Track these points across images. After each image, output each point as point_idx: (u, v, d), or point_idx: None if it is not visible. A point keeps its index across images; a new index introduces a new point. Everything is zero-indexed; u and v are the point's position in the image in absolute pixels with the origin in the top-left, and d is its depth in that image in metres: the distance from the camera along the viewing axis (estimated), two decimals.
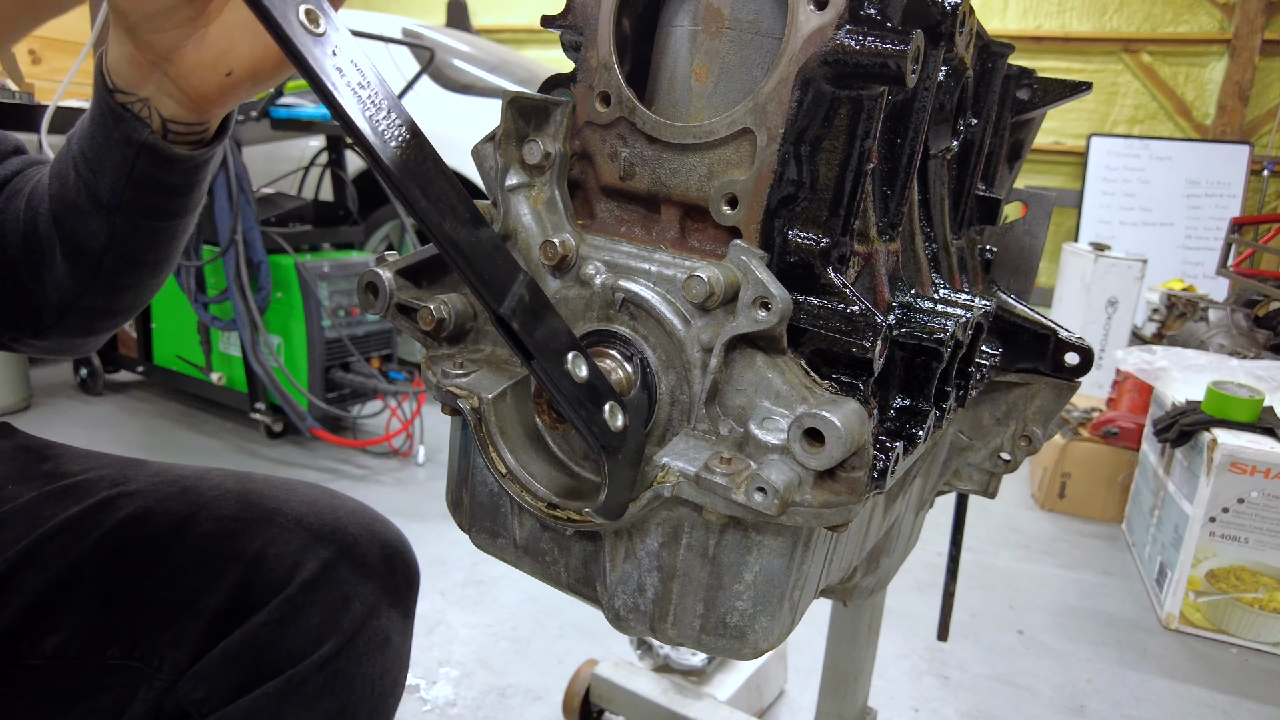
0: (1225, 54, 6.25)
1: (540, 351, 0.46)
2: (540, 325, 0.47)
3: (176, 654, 0.81)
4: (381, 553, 0.87)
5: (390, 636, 0.86)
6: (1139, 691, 2.10)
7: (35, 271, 0.83)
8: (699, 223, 0.55)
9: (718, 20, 0.52)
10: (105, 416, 3.47)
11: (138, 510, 0.84)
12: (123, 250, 0.81)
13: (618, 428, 0.49)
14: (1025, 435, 0.91)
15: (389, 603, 0.86)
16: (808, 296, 0.50)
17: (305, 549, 0.83)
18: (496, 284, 0.45)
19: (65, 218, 0.79)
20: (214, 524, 0.84)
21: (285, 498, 0.88)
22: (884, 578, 0.94)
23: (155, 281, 0.88)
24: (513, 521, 0.59)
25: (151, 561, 0.82)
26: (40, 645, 0.78)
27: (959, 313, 0.60)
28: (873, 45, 0.46)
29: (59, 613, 0.79)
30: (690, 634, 0.53)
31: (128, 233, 0.79)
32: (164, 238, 0.84)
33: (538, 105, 0.56)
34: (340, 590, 0.83)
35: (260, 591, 0.81)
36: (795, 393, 0.48)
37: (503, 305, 0.45)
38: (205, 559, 0.82)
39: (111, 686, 0.81)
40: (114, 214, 0.77)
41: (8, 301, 0.86)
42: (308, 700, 0.80)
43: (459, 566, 2.39)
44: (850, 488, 0.47)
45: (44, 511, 0.82)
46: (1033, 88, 0.94)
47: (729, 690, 1.76)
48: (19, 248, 0.83)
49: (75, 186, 0.77)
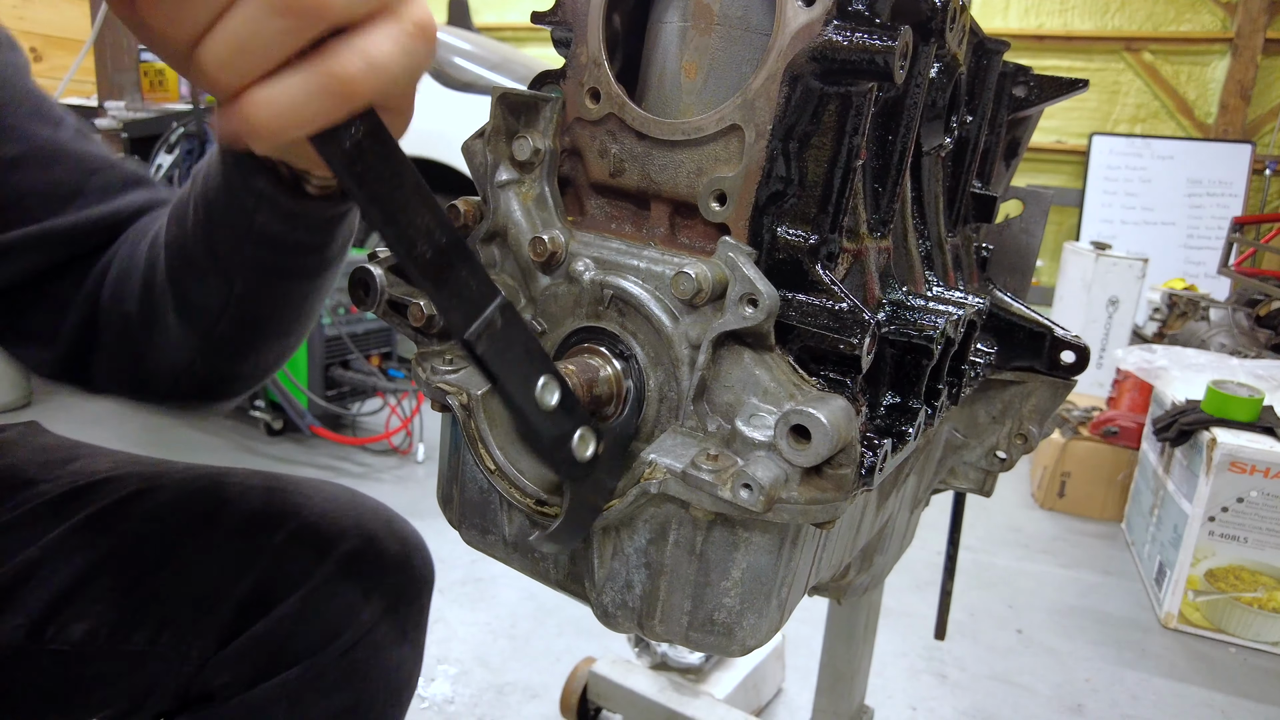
0: (1227, 53, 6.23)
1: (506, 376, 0.45)
2: (510, 349, 0.45)
3: (202, 642, 0.83)
4: (400, 549, 0.90)
5: (406, 630, 0.89)
6: (1137, 690, 2.10)
7: (149, 331, 0.77)
8: (689, 219, 0.54)
9: (707, 16, 0.52)
10: (105, 414, 3.47)
11: (164, 505, 0.87)
12: (242, 312, 0.73)
13: (585, 457, 0.48)
14: (1021, 433, 0.91)
15: (406, 598, 0.89)
16: (796, 293, 0.50)
17: (328, 544, 0.86)
18: (467, 305, 0.43)
19: (180, 271, 0.72)
20: (240, 519, 0.87)
21: (310, 494, 0.90)
22: (878, 576, 0.94)
23: (282, 346, 0.82)
24: (502, 518, 0.59)
25: (178, 554, 0.85)
26: (67, 632, 0.80)
27: (950, 310, 0.60)
28: (860, 41, 0.45)
29: (86, 601, 0.81)
30: (678, 631, 0.53)
31: (247, 293, 0.72)
32: (291, 300, 0.76)
33: (527, 101, 0.56)
34: (360, 584, 0.85)
35: (284, 583, 0.83)
36: (783, 390, 0.48)
37: (469, 329, 0.43)
38: (231, 552, 0.85)
39: (137, 671, 0.83)
40: (233, 271, 0.70)
41: (122, 361, 0.81)
42: (326, 689, 0.83)
43: (458, 564, 2.39)
44: (837, 485, 0.47)
45: (71, 505, 0.84)
46: (1029, 85, 0.94)
47: (727, 688, 1.76)
48: (136, 300, 0.76)
49: (193, 235, 0.70)
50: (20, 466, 0.89)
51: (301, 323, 0.80)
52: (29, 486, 0.86)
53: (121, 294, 0.78)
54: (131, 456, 0.95)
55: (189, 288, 0.72)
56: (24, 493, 0.86)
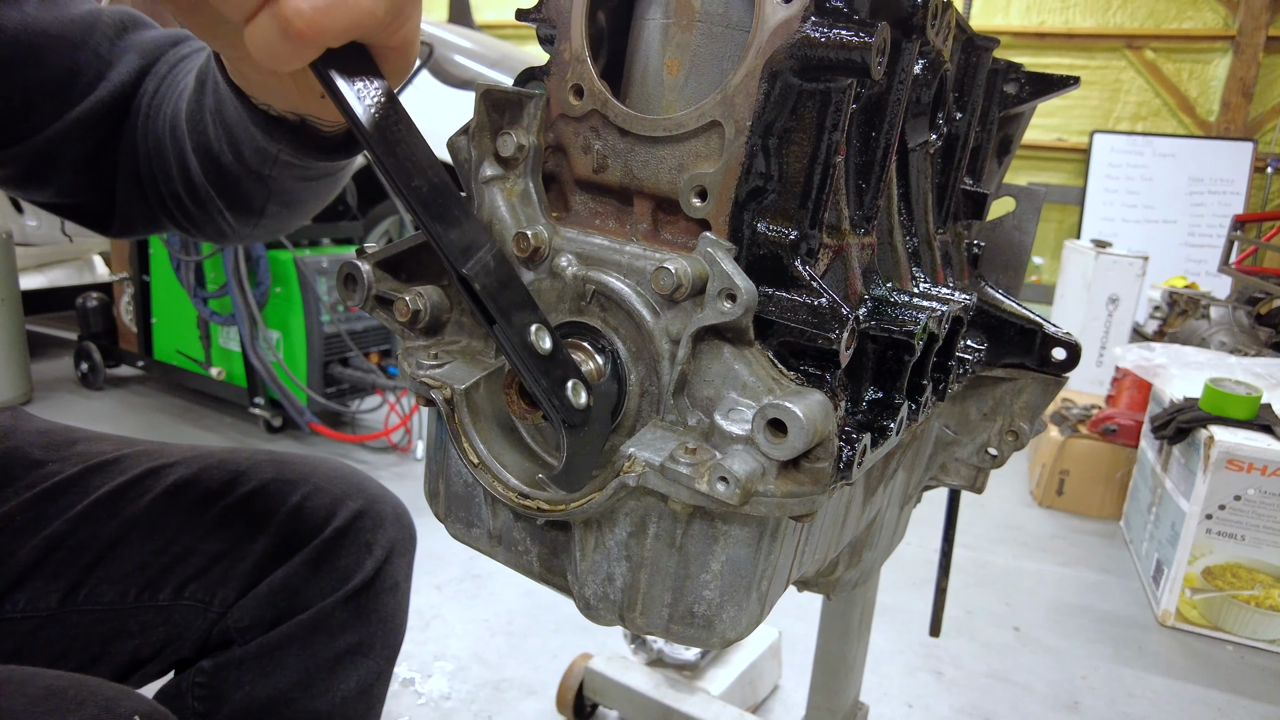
0: (1229, 50, 6.22)
1: (503, 316, 0.47)
2: (504, 292, 0.48)
3: (225, 591, 0.93)
4: (393, 510, 1.02)
5: (399, 581, 1.00)
6: (1134, 688, 2.10)
7: (205, 212, 0.85)
8: (671, 215, 0.55)
9: (689, 13, 0.52)
10: (105, 411, 3.48)
11: (181, 479, 0.96)
12: (283, 201, 0.83)
13: (580, 405, 0.50)
14: (1012, 430, 0.91)
15: (399, 552, 1.00)
16: (776, 289, 0.50)
17: (336, 502, 0.97)
18: (462, 244, 0.46)
19: (216, 177, 0.80)
20: (256, 484, 0.97)
21: (315, 464, 1.02)
22: (868, 571, 0.94)
23: (325, 202, 0.90)
24: (486, 511, 0.60)
25: (200, 518, 0.94)
26: (98, 593, 0.89)
27: (934, 306, 0.60)
28: (837, 37, 0.46)
29: (114, 565, 0.90)
30: (659, 623, 0.53)
31: (284, 189, 0.80)
32: (323, 189, 0.85)
33: (511, 98, 0.56)
34: (364, 538, 0.96)
35: (300, 537, 0.94)
36: (761, 384, 0.49)
37: (466, 265, 0.46)
38: (250, 513, 0.95)
39: (163, 624, 0.92)
40: (266, 179, 0.77)
41: (187, 228, 0.90)
42: (333, 631, 0.93)
43: (455, 561, 2.39)
44: (814, 478, 0.47)
45: (92, 481, 0.93)
46: (1020, 82, 0.94)
47: (723, 684, 1.76)
48: (181, 186, 0.83)
49: (219, 150, 0.76)
50: (24, 449, 0.94)
51: (335, 190, 0.89)
52: (38, 467, 0.92)
53: (164, 173, 0.84)
54: (129, 439, 1.02)
55: (228, 189, 0.80)
56: (35, 472, 0.92)
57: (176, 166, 0.83)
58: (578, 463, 0.51)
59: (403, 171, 0.44)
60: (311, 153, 0.70)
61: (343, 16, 0.43)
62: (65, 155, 0.82)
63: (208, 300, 3.17)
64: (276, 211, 0.85)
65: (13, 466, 0.91)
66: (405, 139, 0.45)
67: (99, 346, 3.66)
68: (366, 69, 0.45)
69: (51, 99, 0.79)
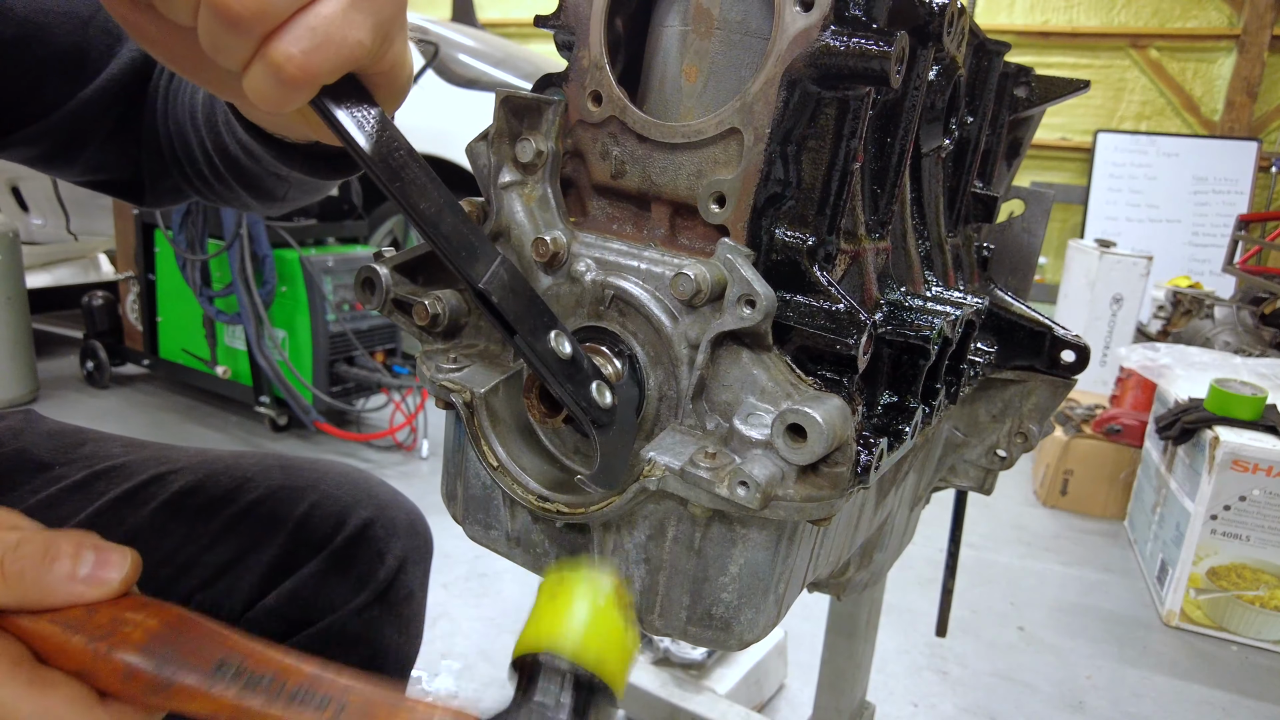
0: (1234, 50, 6.21)
1: (521, 325, 0.48)
2: (520, 302, 0.48)
3: (232, 603, 0.89)
4: (407, 517, 0.98)
5: (414, 591, 0.97)
6: (1139, 688, 2.11)
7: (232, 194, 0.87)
8: (689, 221, 0.55)
9: (707, 20, 0.53)
10: (111, 409, 3.49)
11: (188, 485, 0.93)
12: (305, 189, 0.86)
13: (607, 404, 0.50)
14: (1021, 432, 0.91)
15: (413, 560, 0.97)
16: (794, 294, 0.51)
17: (346, 510, 0.93)
18: (473, 260, 0.47)
19: (234, 171, 0.81)
20: (263, 491, 0.93)
21: (324, 470, 0.98)
22: (878, 572, 0.95)
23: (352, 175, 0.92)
24: (504, 514, 0.60)
25: (206, 526, 0.91)
26: None
27: (948, 310, 0.60)
28: (857, 46, 0.46)
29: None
30: (677, 625, 0.54)
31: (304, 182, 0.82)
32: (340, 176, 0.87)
33: (530, 104, 0.57)
34: (376, 547, 0.93)
35: (309, 546, 0.91)
36: (780, 389, 0.49)
37: (481, 280, 0.46)
38: (258, 521, 0.91)
39: None
40: (286, 177, 0.79)
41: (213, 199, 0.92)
42: (345, 645, 0.90)
43: (462, 560, 2.40)
44: (833, 483, 0.47)
45: (97, 487, 0.90)
46: (1030, 86, 0.94)
47: (729, 684, 1.77)
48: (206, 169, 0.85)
49: (235, 154, 0.79)
50: (32, 451, 0.93)
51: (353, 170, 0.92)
52: (45, 470, 0.91)
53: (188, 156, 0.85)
54: (138, 441, 1.01)
55: (250, 185, 0.82)
56: (42, 475, 0.90)
57: (200, 152, 0.84)
58: (613, 462, 0.51)
59: (408, 196, 0.45)
60: (324, 171, 0.71)
61: (332, 54, 0.43)
62: (87, 131, 0.83)
63: (213, 299, 3.17)
64: (298, 196, 0.88)
65: (20, 470, 0.91)
66: (408, 163, 0.46)
67: (105, 345, 3.67)
68: (362, 98, 0.46)
69: (64, 75, 0.80)
